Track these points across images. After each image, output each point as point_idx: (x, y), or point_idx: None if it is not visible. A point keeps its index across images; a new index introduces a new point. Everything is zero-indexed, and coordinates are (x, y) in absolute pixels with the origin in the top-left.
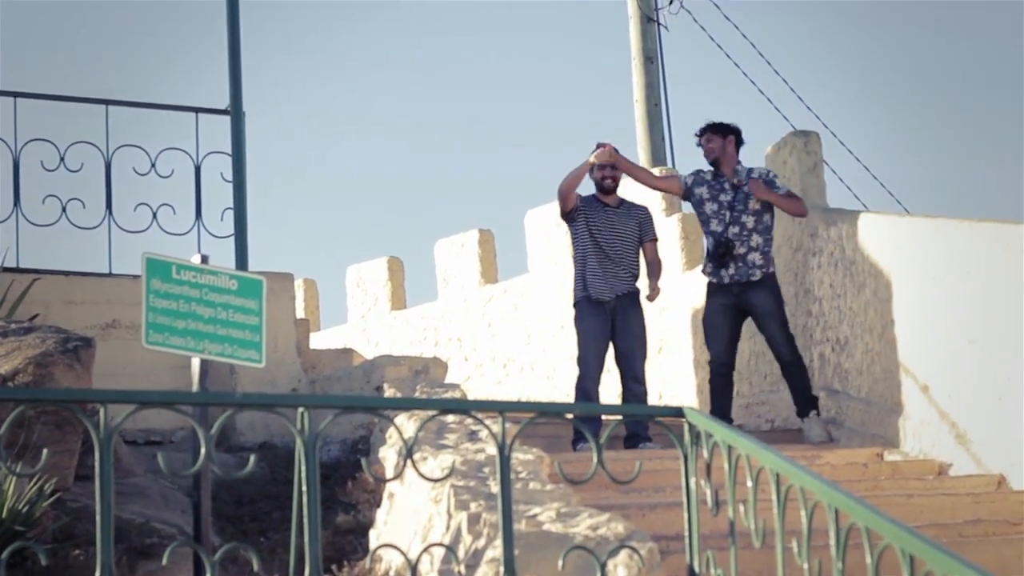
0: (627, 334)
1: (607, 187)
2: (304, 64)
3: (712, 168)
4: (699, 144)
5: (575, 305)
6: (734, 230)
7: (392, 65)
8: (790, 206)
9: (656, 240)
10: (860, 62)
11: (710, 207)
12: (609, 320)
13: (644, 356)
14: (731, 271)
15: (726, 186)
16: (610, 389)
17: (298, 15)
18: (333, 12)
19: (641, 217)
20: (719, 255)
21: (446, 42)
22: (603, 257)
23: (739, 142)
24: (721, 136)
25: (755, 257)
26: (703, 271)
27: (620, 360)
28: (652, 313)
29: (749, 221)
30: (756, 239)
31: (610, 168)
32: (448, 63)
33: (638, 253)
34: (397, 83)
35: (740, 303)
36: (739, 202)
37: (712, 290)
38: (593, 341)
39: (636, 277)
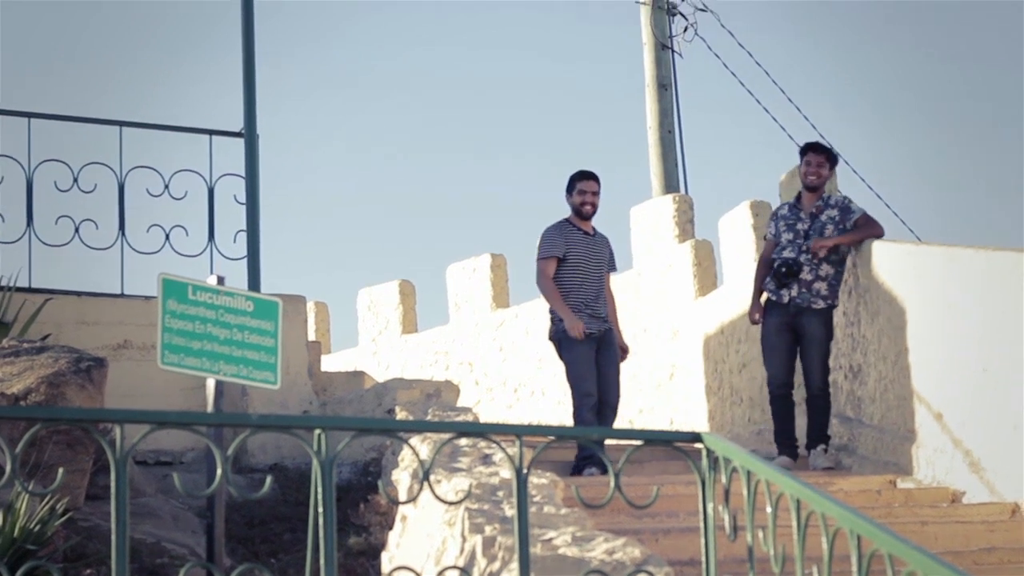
0: (611, 364)
1: (586, 213)
2: (319, 87)
3: (806, 189)
4: (804, 161)
5: (561, 335)
6: (806, 256)
7: (409, 88)
8: (863, 237)
9: (614, 271)
10: (875, 88)
11: (786, 237)
12: (593, 349)
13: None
14: (793, 292)
15: (802, 215)
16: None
17: (315, 39)
18: (351, 36)
19: (609, 247)
20: (781, 274)
21: (463, 67)
22: (587, 288)
23: (832, 174)
24: (831, 165)
25: (821, 286)
26: (765, 288)
27: (603, 389)
28: (664, 339)
29: (822, 250)
30: (826, 268)
31: (592, 193)
32: (463, 87)
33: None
34: (413, 106)
35: (794, 324)
36: (815, 230)
37: (769, 308)
38: (588, 363)
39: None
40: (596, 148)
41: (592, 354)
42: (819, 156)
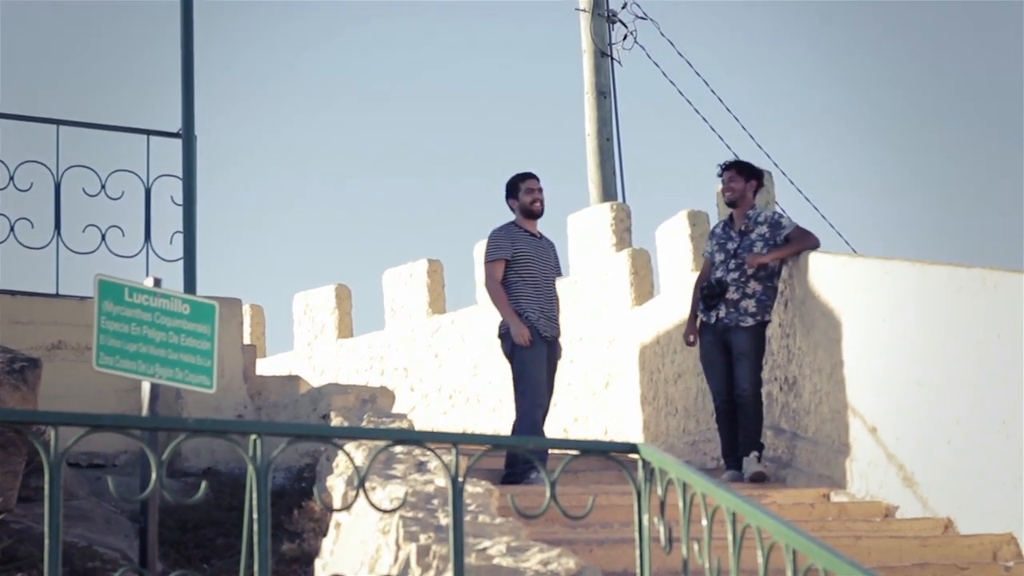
0: (553, 369)
1: (537, 211)
2: (258, 89)
3: (729, 206)
4: (721, 179)
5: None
6: (733, 275)
7: (344, 94)
8: (797, 250)
9: (560, 275)
10: (860, 98)
11: (718, 257)
12: (546, 352)
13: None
14: (721, 313)
15: (732, 234)
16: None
17: (251, 40)
18: (287, 40)
19: (555, 250)
20: (707, 296)
21: (398, 73)
22: (540, 291)
23: (759, 186)
24: (744, 179)
25: (748, 304)
26: (697, 309)
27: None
28: (600, 347)
29: (756, 267)
30: (753, 286)
31: (539, 191)
32: (399, 93)
33: None
34: (349, 112)
35: (724, 340)
36: (744, 248)
37: (702, 328)
38: (543, 368)
39: None
40: (534, 155)
41: (545, 358)
42: (730, 171)
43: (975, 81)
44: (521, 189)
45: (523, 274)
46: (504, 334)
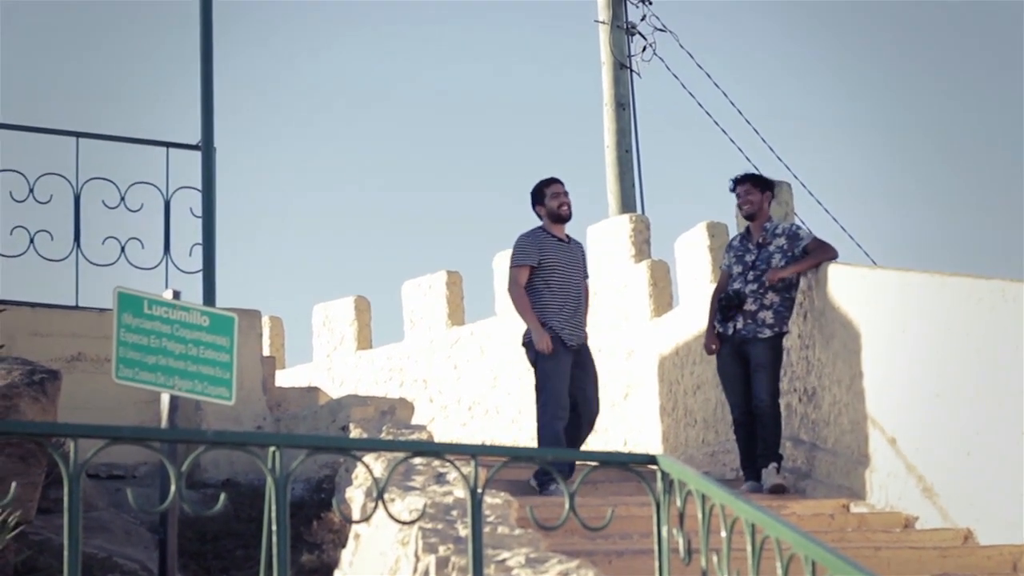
0: (589, 377)
1: (565, 215)
2: (277, 101)
3: (747, 219)
4: (736, 193)
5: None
6: (752, 287)
7: (364, 105)
8: (816, 263)
9: (587, 277)
10: (871, 112)
11: (736, 270)
12: (571, 362)
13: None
14: (739, 324)
15: (750, 246)
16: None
17: (271, 51)
18: (310, 52)
19: (583, 253)
20: (724, 308)
21: (418, 83)
22: (566, 298)
23: (772, 197)
24: (760, 191)
25: (766, 316)
26: (715, 320)
27: (581, 403)
28: (619, 359)
29: (777, 281)
30: (771, 297)
31: (565, 194)
32: (418, 104)
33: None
34: (368, 123)
35: (742, 352)
36: (762, 260)
37: (720, 339)
38: (565, 379)
39: None
40: (553, 166)
41: (569, 368)
42: (745, 185)
43: (982, 93)
44: (547, 195)
45: (549, 281)
46: (528, 342)
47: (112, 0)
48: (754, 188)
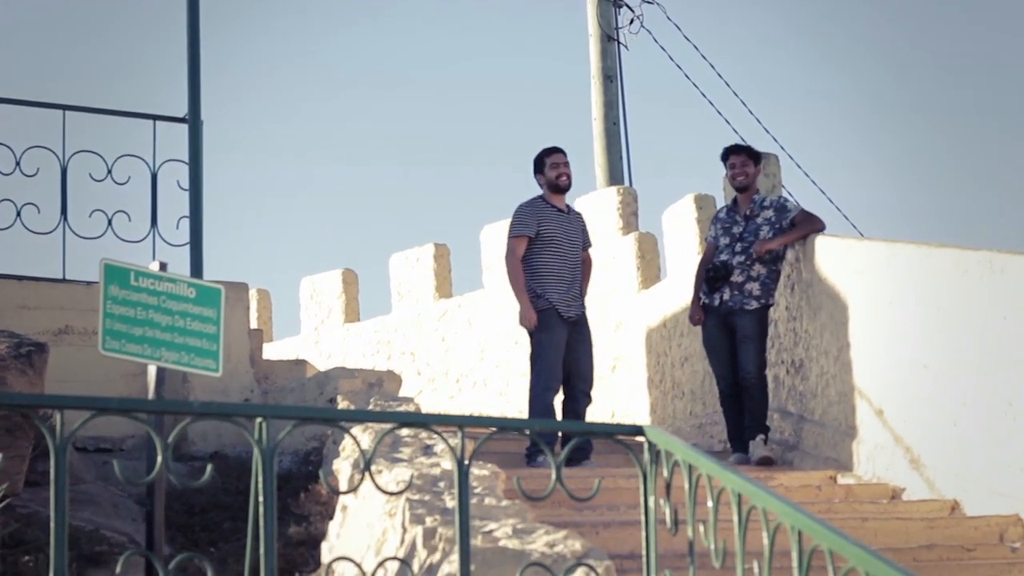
0: (585, 349)
1: (563, 185)
2: (263, 75)
3: (737, 191)
4: (730, 164)
5: (538, 314)
6: (739, 259)
7: (351, 80)
8: (804, 235)
9: (591, 246)
10: (867, 85)
11: (723, 241)
12: (567, 334)
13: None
14: (725, 296)
15: (738, 218)
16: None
17: (258, 27)
18: (294, 26)
19: (583, 223)
20: (711, 279)
21: (404, 59)
22: (564, 269)
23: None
24: (755, 163)
25: (753, 287)
26: (701, 292)
27: (575, 375)
28: (607, 331)
29: (765, 252)
30: (758, 268)
31: (564, 164)
32: (405, 79)
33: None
34: (355, 98)
35: (728, 323)
36: (749, 232)
37: (706, 311)
38: (559, 352)
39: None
40: (541, 139)
41: (565, 340)
42: (740, 156)
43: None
44: (547, 164)
45: (547, 252)
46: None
47: None
48: (749, 159)
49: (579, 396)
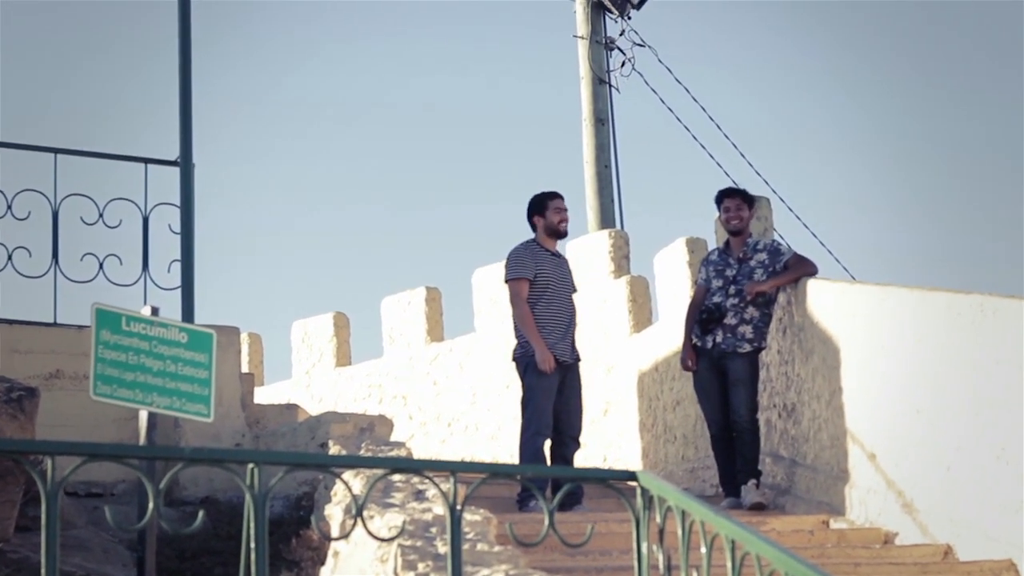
0: (576, 394)
1: (563, 231)
2: (253, 116)
3: (730, 234)
4: (724, 207)
5: (531, 359)
6: (732, 301)
7: (344, 122)
8: (796, 277)
9: (575, 291)
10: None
11: (715, 284)
12: (560, 379)
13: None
14: (718, 338)
15: (731, 261)
16: None
17: (248, 67)
18: (288, 68)
19: (569, 267)
20: (704, 321)
21: (397, 98)
22: (561, 313)
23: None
24: (749, 207)
25: (746, 330)
26: (693, 334)
27: (564, 420)
28: (598, 375)
29: (749, 296)
30: (751, 311)
31: (566, 210)
32: (398, 119)
33: None
34: (347, 139)
35: (720, 366)
36: (743, 275)
37: (698, 353)
38: (550, 397)
39: None
40: (532, 181)
41: (556, 385)
42: (735, 200)
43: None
44: (549, 207)
45: (543, 296)
46: (518, 357)
47: (92, 17)
48: (743, 203)
49: (568, 442)
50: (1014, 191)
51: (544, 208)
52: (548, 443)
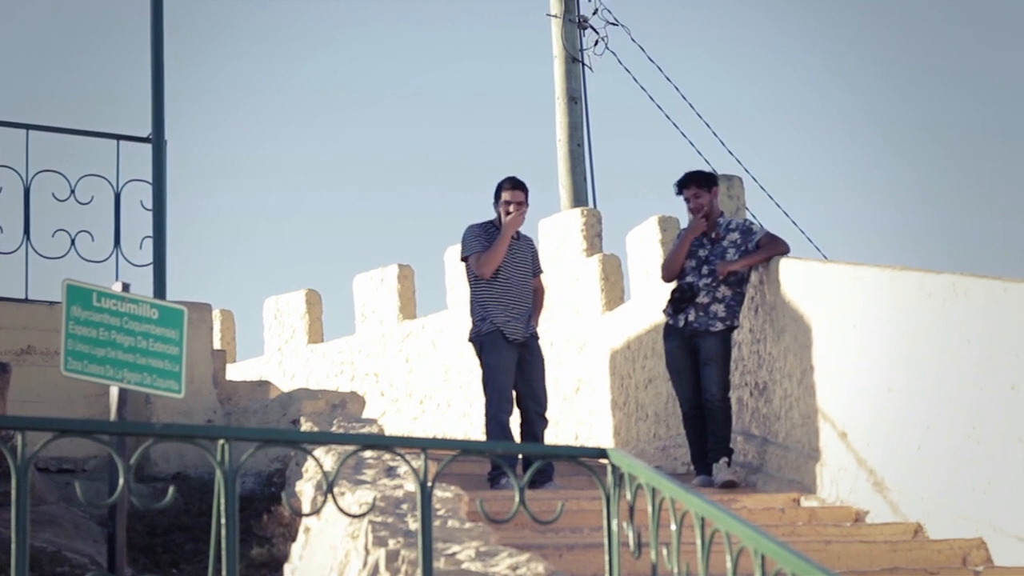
0: (537, 371)
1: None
2: (228, 95)
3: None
4: (684, 197)
5: (483, 338)
6: (705, 281)
7: (315, 101)
8: (768, 256)
9: (542, 272)
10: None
11: (688, 264)
12: (516, 356)
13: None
14: (690, 317)
15: (704, 240)
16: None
17: (224, 47)
18: (258, 44)
19: (533, 249)
20: (675, 299)
21: (369, 80)
22: (509, 294)
23: (718, 191)
24: (707, 189)
25: (718, 309)
26: (663, 311)
27: (528, 397)
28: (570, 353)
29: (721, 275)
30: (724, 290)
31: (516, 204)
32: (370, 100)
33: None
34: (320, 118)
35: (692, 345)
36: (716, 255)
37: (667, 332)
38: (508, 374)
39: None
40: (505, 160)
41: (515, 361)
42: (691, 189)
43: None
44: (501, 198)
45: (496, 276)
46: (473, 339)
47: None
48: (700, 189)
49: (535, 418)
50: (1008, 170)
51: (497, 197)
52: (517, 422)
